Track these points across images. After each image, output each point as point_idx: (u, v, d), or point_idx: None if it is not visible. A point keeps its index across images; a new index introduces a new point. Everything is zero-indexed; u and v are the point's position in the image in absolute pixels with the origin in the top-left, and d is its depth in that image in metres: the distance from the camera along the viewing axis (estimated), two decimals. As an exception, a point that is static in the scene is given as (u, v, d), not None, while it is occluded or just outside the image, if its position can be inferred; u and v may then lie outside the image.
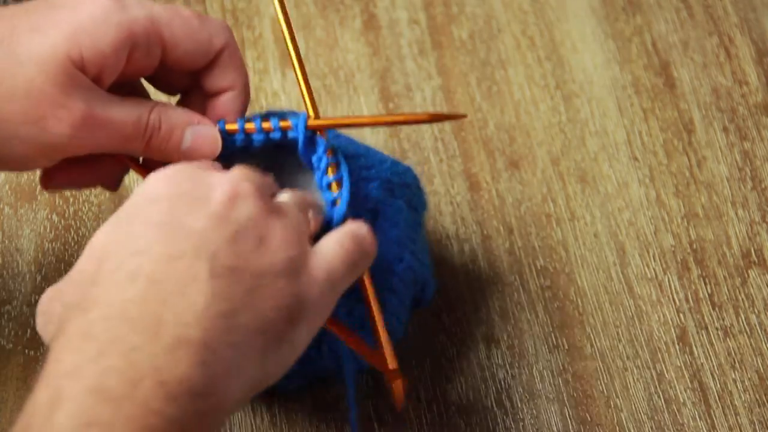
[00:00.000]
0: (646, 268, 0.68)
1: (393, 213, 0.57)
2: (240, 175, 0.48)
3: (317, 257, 0.47)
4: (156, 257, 0.44)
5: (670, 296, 0.67)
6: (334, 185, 0.53)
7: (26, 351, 0.64)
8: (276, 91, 0.73)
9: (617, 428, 0.63)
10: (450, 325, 0.65)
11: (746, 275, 0.67)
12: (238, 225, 0.45)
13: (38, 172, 0.57)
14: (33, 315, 0.65)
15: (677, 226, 0.69)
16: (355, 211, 0.54)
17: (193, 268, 0.43)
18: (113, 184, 0.57)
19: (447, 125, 0.72)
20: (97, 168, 0.55)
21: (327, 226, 0.52)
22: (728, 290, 0.67)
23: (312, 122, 0.53)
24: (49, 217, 0.68)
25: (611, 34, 0.76)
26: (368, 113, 0.73)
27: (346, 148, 0.57)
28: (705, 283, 0.67)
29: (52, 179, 0.55)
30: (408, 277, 0.57)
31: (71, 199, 0.69)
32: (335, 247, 0.49)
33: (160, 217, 0.45)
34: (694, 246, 0.68)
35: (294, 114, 0.55)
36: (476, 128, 0.72)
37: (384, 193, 0.57)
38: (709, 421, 0.63)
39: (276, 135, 0.53)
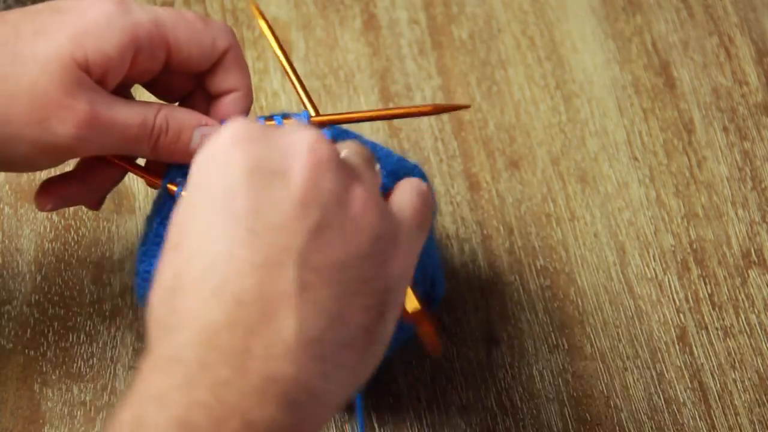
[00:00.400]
0: (646, 268, 0.68)
1: None
2: (317, 136, 0.43)
3: (399, 227, 0.44)
4: (239, 267, 0.41)
5: (670, 296, 0.67)
6: None
7: (26, 351, 0.64)
8: (276, 91, 0.73)
9: (617, 428, 0.63)
10: (450, 325, 0.65)
11: (746, 275, 0.67)
12: (321, 206, 0.42)
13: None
14: (33, 315, 0.65)
15: (677, 226, 0.69)
16: None
17: (280, 281, 0.40)
18: (99, 201, 0.56)
19: (447, 125, 0.72)
20: (91, 181, 0.55)
21: None
22: (728, 290, 0.67)
23: (314, 119, 0.53)
24: (49, 217, 0.68)
25: (611, 34, 0.76)
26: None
27: None
28: (705, 283, 0.67)
29: (47, 200, 0.54)
30: (417, 273, 0.57)
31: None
32: (409, 208, 0.46)
33: (238, 202, 0.41)
34: (694, 246, 0.68)
35: (296, 114, 0.55)
36: (476, 128, 0.72)
37: (393, 183, 0.56)
38: (709, 421, 0.63)
39: None
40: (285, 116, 0.54)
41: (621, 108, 0.73)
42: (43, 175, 0.69)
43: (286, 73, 0.55)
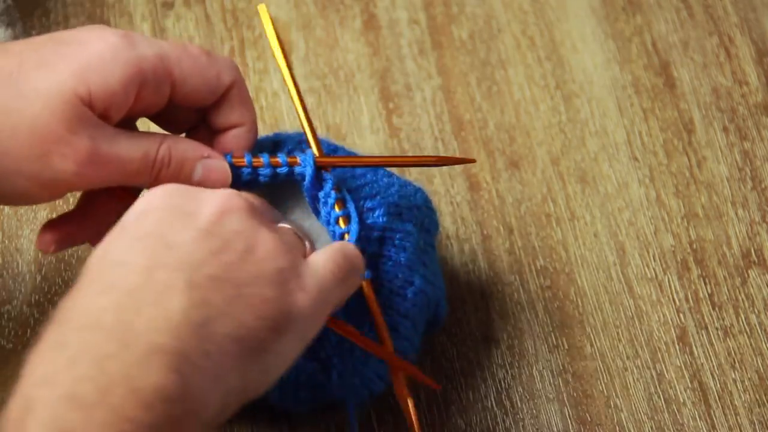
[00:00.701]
0: (646, 268, 0.67)
1: (401, 238, 0.57)
2: (233, 193, 0.48)
3: (308, 270, 0.48)
4: (134, 268, 0.44)
5: (670, 296, 0.67)
6: (341, 220, 0.55)
7: (26, 351, 0.64)
8: (276, 91, 0.73)
9: (617, 428, 0.63)
10: (450, 325, 0.65)
11: (746, 275, 0.67)
12: (225, 238, 0.46)
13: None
14: (33, 315, 0.65)
15: (677, 226, 0.69)
16: (360, 241, 0.55)
17: (172, 279, 0.44)
18: (101, 236, 0.57)
19: (447, 125, 0.72)
20: (93, 217, 0.55)
21: None
22: (728, 290, 0.67)
23: (320, 160, 0.54)
24: (49, 217, 0.68)
25: (611, 34, 0.76)
26: (368, 113, 0.73)
27: (349, 181, 0.58)
28: (705, 283, 0.67)
29: (50, 241, 0.55)
30: (420, 301, 0.58)
31: (71, 200, 0.68)
32: (326, 262, 0.49)
33: (146, 229, 0.46)
34: (694, 246, 0.68)
35: (295, 141, 0.57)
36: (476, 128, 0.72)
37: (390, 219, 0.57)
38: (709, 421, 0.63)
39: (283, 170, 0.54)
40: (290, 154, 0.55)
41: (621, 108, 0.73)
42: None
43: (297, 113, 0.56)
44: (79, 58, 0.48)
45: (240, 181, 0.54)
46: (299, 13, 0.76)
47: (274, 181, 0.55)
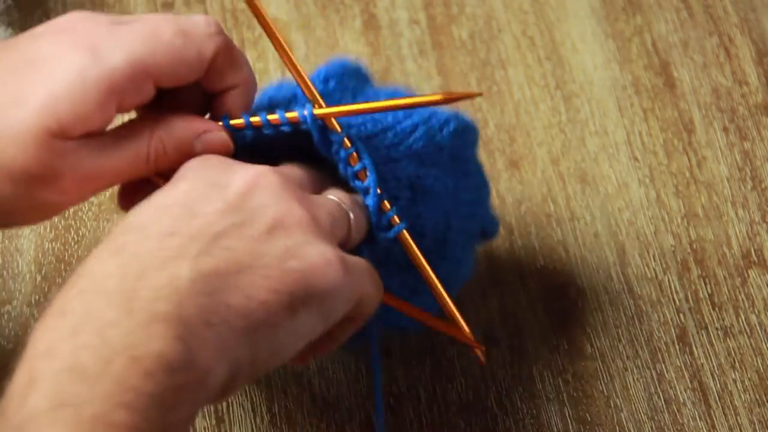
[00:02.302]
0: (646, 268, 0.68)
1: (431, 185, 0.55)
2: (267, 169, 0.47)
3: (341, 252, 0.47)
4: (150, 234, 0.43)
5: (670, 296, 0.67)
6: (360, 174, 0.52)
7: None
8: (276, 91, 0.73)
9: (617, 428, 0.63)
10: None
11: (746, 275, 0.67)
12: (251, 212, 0.45)
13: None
14: (33, 315, 0.65)
15: (677, 226, 0.69)
16: (391, 192, 0.52)
17: (185, 246, 0.43)
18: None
19: (447, 125, 0.72)
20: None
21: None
22: (728, 290, 0.67)
23: (318, 111, 0.51)
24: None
25: (611, 34, 0.76)
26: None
27: (369, 127, 0.54)
28: (705, 283, 0.67)
29: (133, 201, 0.54)
30: (461, 240, 0.56)
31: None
32: (363, 262, 0.48)
33: (174, 198, 0.45)
34: (694, 246, 0.68)
35: (295, 96, 0.54)
36: (476, 128, 0.72)
37: (417, 167, 0.54)
38: (709, 421, 0.63)
39: (286, 128, 0.52)
40: (287, 109, 0.53)
41: (621, 108, 0.73)
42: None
43: (289, 67, 0.53)
44: (47, 88, 0.46)
45: (245, 141, 0.52)
46: (299, 13, 0.76)
47: (280, 137, 0.52)
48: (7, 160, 0.46)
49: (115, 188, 0.58)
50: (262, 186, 0.46)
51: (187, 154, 0.50)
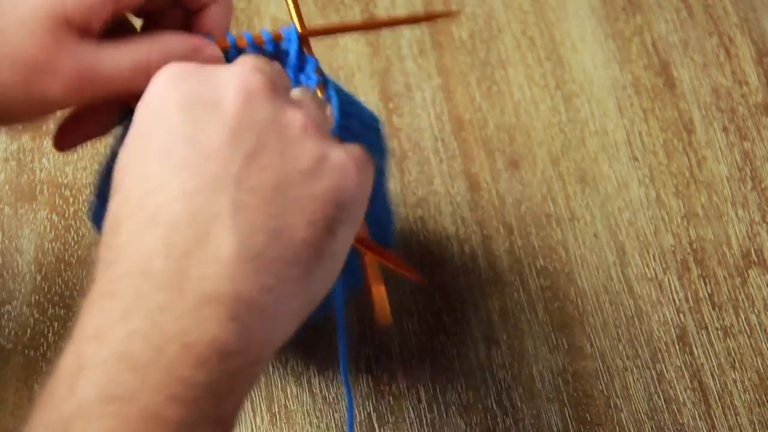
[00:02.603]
0: (646, 268, 0.68)
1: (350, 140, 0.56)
2: (249, 66, 0.45)
3: (345, 148, 0.45)
4: (173, 193, 0.41)
5: (670, 296, 0.67)
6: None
7: (26, 351, 0.64)
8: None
9: (617, 428, 0.63)
10: (450, 325, 0.65)
11: (746, 275, 0.67)
12: (257, 133, 0.43)
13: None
14: (33, 315, 0.65)
15: (677, 226, 0.69)
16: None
17: (214, 204, 0.41)
18: (112, 125, 0.55)
19: (447, 125, 0.72)
20: (105, 114, 0.53)
21: None
22: (728, 290, 0.67)
23: (303, 31, 0.52)
24: (49, 217, 0.68)
25: (611, 34, 0.76)
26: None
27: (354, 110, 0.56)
28: (705, 283, 0.67)
29: (66, 141, 0.53)
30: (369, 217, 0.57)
31: (71, 199, 0.69)
32: (357, 147, 0.46)
33: (172, 136, 0.42)
34: (694, 246, 0.68)
35: (284, 29, 0.55)
36: (476, 128, 0.72)
37: (343, 120, 0.55)
38: (709, 421, 0.63)
39: (269, 47, 0.52)
40: (275, 32, 0.53)
41: (621, 108, 0.73)
42: (43, 175, 0.69)
43: None
44: None
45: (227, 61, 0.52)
46: (299, 13, 0.76)
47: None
48: (14, 46, 0.47)
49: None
50: (256, 94, 0.44)
51: None
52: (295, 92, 0.48)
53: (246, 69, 0.45)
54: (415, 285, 0.66)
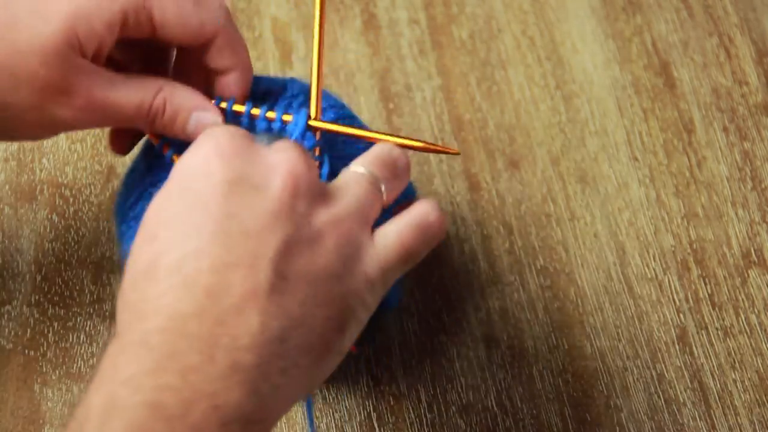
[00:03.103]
0: (646, 268, 0.68)
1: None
2: (296, 156, 0.46)
3: (374, 251, 0.46)
4: (212, 263, 0.43)
5: (670, 296, 0.67)
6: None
7: (26, 351, 0.64)
8: (276, 91, 0.73)
9: (617, 428, 0.63)
10: (450, 325, 0.65)
11: (746, 275, 0.67)
12: (295, 224, 0.44)
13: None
14: (33, 315, 0.65)
15: (677, 226, 0.69)
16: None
17: (250, 281, 0.42)
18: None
19: (447, 125, 0.72)
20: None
21: None
22: (728, 290, 0.67)
23: (312, 123, 0.54)
24: (49, 217, 0.68)
25: (611, 34, 0.76)
26: (368, 113, 0.73)
27: (343, 146, 0.56)
28: (705, 283, 0.67)
29: (120, 145, 0.56)
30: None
31: (71, 199, 0.69)
32: (394, 239, 0.47)
33: (216, 208, 0.44)
34: (694, 246, 0.68)
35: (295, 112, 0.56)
36: (476, 128, 0.72)
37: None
38: (709, 421, 0.63)
39: (276, 125, 0.54)
40: (286, 112, 0.55)
41: (621, 108, 0.73)
42: (43, 175, 0.69)
43: (312, 64, 0.56)
44: (69, 5, 0.49)
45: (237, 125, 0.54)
46: (299, 13, 0.76)
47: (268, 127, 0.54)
48: (29, 70, 0.48)
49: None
50: (299, 187, 0.45)
51: (180, 124, 0.52)
52: (357, 167, 0.49)
53: (295, 159, 0.46)
54: (415, 285, 0.66)
